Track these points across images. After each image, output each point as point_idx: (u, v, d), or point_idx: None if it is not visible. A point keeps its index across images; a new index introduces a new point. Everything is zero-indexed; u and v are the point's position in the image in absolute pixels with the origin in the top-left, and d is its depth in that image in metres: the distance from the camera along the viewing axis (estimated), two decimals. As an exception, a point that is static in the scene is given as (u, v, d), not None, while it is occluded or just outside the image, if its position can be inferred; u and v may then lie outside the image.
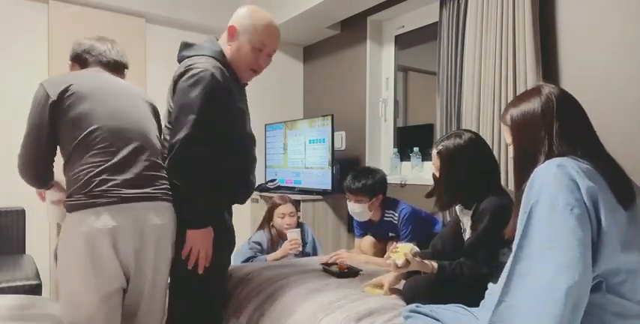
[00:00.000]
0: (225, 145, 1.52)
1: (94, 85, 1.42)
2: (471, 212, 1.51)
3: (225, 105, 1.48)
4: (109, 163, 1.35)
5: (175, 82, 1.48)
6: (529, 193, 0.95)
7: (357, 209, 2.16)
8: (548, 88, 1.08)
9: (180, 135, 1.40)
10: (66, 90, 1.35)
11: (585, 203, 0.90)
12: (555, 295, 0.85)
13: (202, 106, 1.41)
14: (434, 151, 1.57)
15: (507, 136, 1.14)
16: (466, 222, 1.55)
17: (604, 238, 0.90)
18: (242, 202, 1.68)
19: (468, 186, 1.50)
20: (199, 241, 1.46)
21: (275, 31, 1.59)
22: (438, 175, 1.56)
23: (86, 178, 1.32)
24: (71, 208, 1.33)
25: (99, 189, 1.31)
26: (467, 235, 1.54)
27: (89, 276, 1.31)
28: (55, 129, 1.38)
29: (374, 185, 2.14)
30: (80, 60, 1.55)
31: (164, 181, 1.46)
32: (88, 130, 1.35)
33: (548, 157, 1.00)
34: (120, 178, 1.34)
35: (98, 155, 1.34)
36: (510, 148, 1.14)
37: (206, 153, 1.45)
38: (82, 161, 1.34)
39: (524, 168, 1.05)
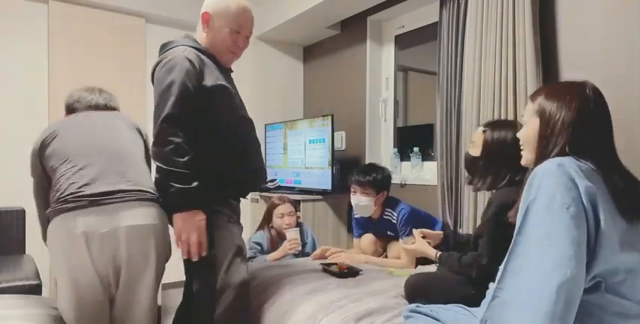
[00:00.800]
0: (211, 133, 1.50)
1: (65, 124, 1.62)
2: None
3: (203, 80, 1.47)
4: (76, 170, 1.44)
5: (152, 75, 1.51)
6: (527, 191, 0.96)
7: (363, 202, 2.16)
8: (590, 93, 1.04)
9: (161, 116, 1.39)
10: (44, 139, 1.55)
11: (583, 202, 0.90)
12: (547, 291, 0.85)
13: (180, 86, 1.41)
14: (480, 129, 1.59)
15: (528, 115, 1.12)
16: None
17: (602, 238, 0.91)
18: (254, 189, 1.70)
19: (497, 172, 1.52)
20: (184, 225, 1.40)
21: (249, 12, 1.61)
22: (472, 151, 1.59)
23: (61, 187, 1.42)
24: (50, 216, 1.41)
25: (68, 192, 1.39)
26: None
27: (68, 279, 1.37)
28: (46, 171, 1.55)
29: (383, 180, 2.18)
30: (70, 109, 1.74)
31: (142, 179, 1.49)
32: (62, 160, 1.49)
33: (559, 155, 1.00)
34: (86, 178, 1.42)
35: (69, 169, 1.45)
36: (527, 128, 1.13)
37: (190, 134, 1.42)
38: (58, 175, 1.46)
39: (538, 158, 1.06)
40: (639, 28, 1.68)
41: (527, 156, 1.13)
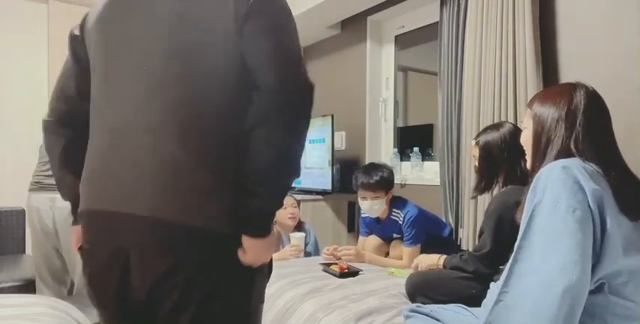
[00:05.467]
0: None
1: None
2: None
3: None
4: None
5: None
6: (532, 194, 0.96)
7: (377, 206, 2.12)
8: (580, 92, 1.05)
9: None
10: None
11: (590, 206, 0.90)
12: (551, 296, 0.85)
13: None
14: (473, 142, 1.67)
15: (526, 121, 1.14)
16: None
17: (607, 241, 0.90)
18: None
19: (492, 175, 1.59)
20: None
21: None
22: (477, 164, 1.65)
23: None
24: None
25: None
26: None
27: None
28: None
29: (389, 178, 2.15)
30: None
31: None
32: None
33: (558, 157, 1.00)
34: None
35: None
36: (526, 132, 1.16)
37: None
38: None
39: (534, 161, 1.08)
40: (639, 29, 1.68)
41: (528, 160, 1.14)
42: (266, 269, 0.96)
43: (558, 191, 0.91)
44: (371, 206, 2.14)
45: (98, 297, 0.92)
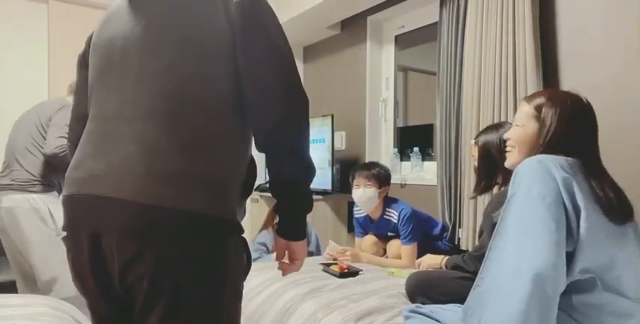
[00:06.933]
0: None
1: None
2: None
3: None
4: None
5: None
6: (510, 188, 1.00)
7: (369, 193, 2.16)
8: (585, 101, 1.12)
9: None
10: None
11: (561, 192, 0.93)
12: (522, 279, 0.88)
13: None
14: (473, 141, 1.71)
15: (524, 117, 1.17)
16: None
17: (585, 227, 0.93)
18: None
19: (491, 175, 1.60)
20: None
21: None
22: (476, 163, 1.66)
23: None
24: None
25: None
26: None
27: None
28: None
29: (385, 174, 2.24)
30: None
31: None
32: None
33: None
34: None
35: None
36: (520, 130, 1.18)
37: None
38: None
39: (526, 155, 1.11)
40: (638, 29, 1.68)
41: (516, 157, 1.18)
42: (244, 266, 0.93)
43: (531, 181, 0.95)
44: (363, 193, 2.17)
45: (82, 282, 0.92)
